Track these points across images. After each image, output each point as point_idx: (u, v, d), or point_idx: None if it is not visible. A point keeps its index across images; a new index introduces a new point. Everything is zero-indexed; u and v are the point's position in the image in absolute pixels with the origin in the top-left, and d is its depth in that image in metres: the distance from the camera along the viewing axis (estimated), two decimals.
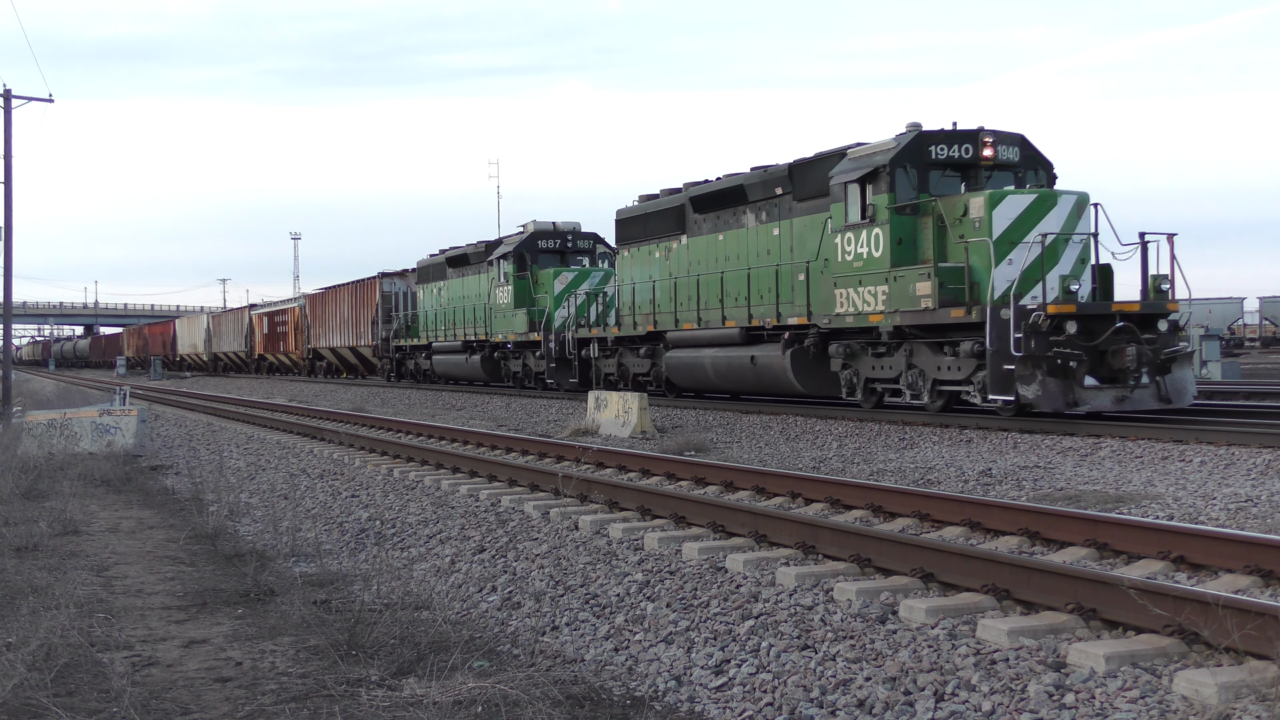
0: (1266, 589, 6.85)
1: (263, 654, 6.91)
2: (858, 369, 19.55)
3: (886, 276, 18.13)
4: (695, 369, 23.85)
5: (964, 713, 5.26)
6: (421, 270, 42.53)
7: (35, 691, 5.90)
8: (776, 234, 21.76)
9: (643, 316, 26.56)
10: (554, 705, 5.64)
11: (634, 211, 27.51)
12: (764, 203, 22.26)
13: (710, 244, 24.11)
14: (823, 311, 19.87)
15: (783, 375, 20.90)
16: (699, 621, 7.00)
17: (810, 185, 20.70)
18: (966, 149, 18.25)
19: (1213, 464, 12.32)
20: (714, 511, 9.55)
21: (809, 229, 20.69)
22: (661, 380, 25.91)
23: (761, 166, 22.76)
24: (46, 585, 8.29)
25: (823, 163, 20.33)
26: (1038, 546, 8.41)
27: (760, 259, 22.20)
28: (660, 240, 26.04)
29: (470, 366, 36.35)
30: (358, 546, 10.62)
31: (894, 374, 18.72)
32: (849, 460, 14.41)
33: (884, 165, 18.16)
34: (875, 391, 19.48)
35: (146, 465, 17.96)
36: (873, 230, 18.43)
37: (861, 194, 18.67)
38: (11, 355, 33.48)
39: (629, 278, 27.49)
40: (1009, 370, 15.87)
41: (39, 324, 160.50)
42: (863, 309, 18.73)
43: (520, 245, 33.22)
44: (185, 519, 11.99)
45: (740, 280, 22.65)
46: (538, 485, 12.30)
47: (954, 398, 18.01)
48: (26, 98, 31.09)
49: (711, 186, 24.27)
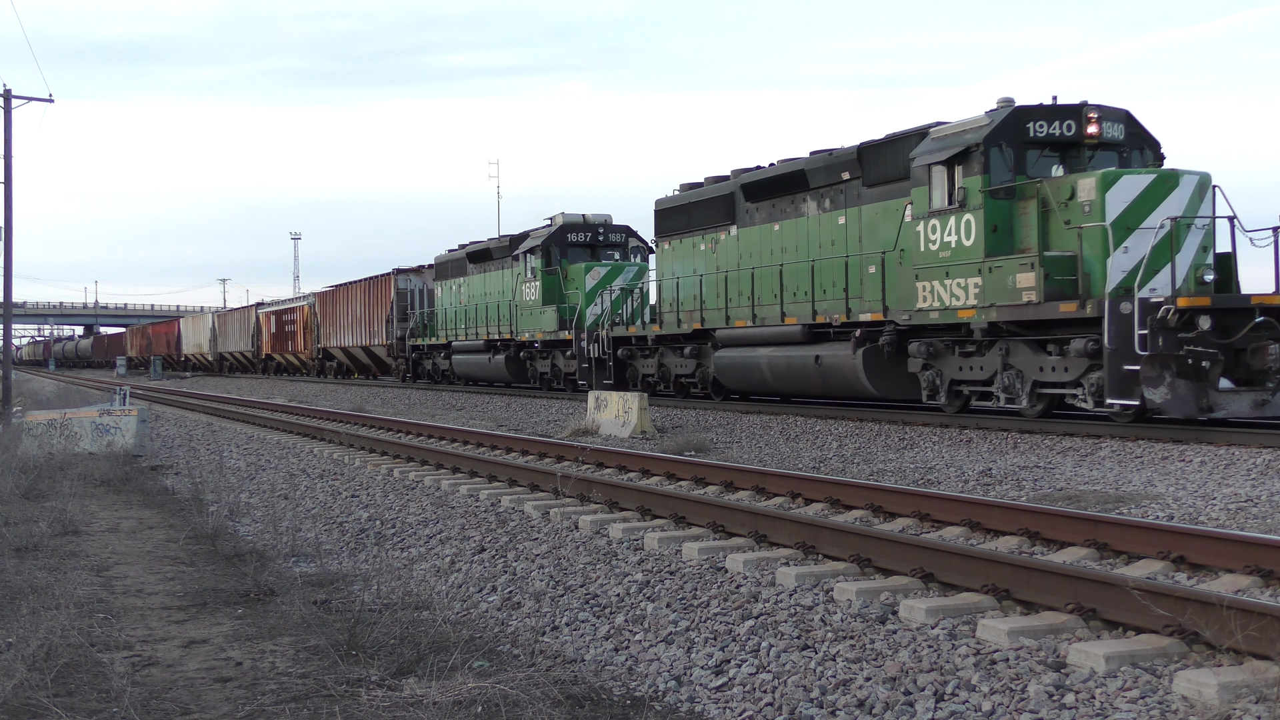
0: (1267, 589, 6.85)
1: (263, 654, 6.91)
2: (941, 369, 17.90)
3: (980, 267, 16.49)
4: (749, 370, 22.18)
5: (964, 713, 5.26)
6: (439, 266, 40.70)
7: (35, 691, 5.90)
8: (842, 223, 20.22)
9: (687, 313, 24.94)
10: (554, 705, 5.64)
11: (675, 201, 25.80)
12: (827, 189, 20.63)
13: (764, 234, 22.48)
14: (901, 307, 18.10)
15: (853, 376, 19.22)
16: (699, 621, 7.00)
17: (883, 169, 19.12)
18: (1068, 125, 16.55)
19: (1213, 464, 12.31)
20: (714, 511, 9.54)
21: (882, 216, 19.13)
22: (708, 382, 24.33)
23: (822, 150, 21.11)
24: (46, 585, 8.28)
25: (898, 144, 18.74)
26: (1038, 546, 8.41)
27: (824, 250, 20.59)
28: (706, 231, 24.46)
29: (493, 367, 34.46)
30: (358, 546, 10.62)
31: (986, 375, 17.05)
32: (849, 460, 14.40)
33: (977, 144, 16.51)
34: (960, 394, 17.82)
35: (146, 465, 17.95)
36: (963, 216, 16.80)
37: (949, 177, 17.06)
38: (11, 355, 33.48)
39: (670, 272, 25.86)
40: (1131, 371, 14.25)
41: (39, 324, 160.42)
42: (950, 303, 17.05)
43: (548, 238, 31.35)
44: (185, 519, 11.99)
45: (802, 273, 21.01)
46: (538, 485, 12.30)
47: (1055, 402, 16.42)
48: (26, 98, 31.11)
49: (766, 173, 22.55)
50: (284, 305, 63.36)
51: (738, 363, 22.50)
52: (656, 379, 26.21)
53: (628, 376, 27.27)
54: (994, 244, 16.43)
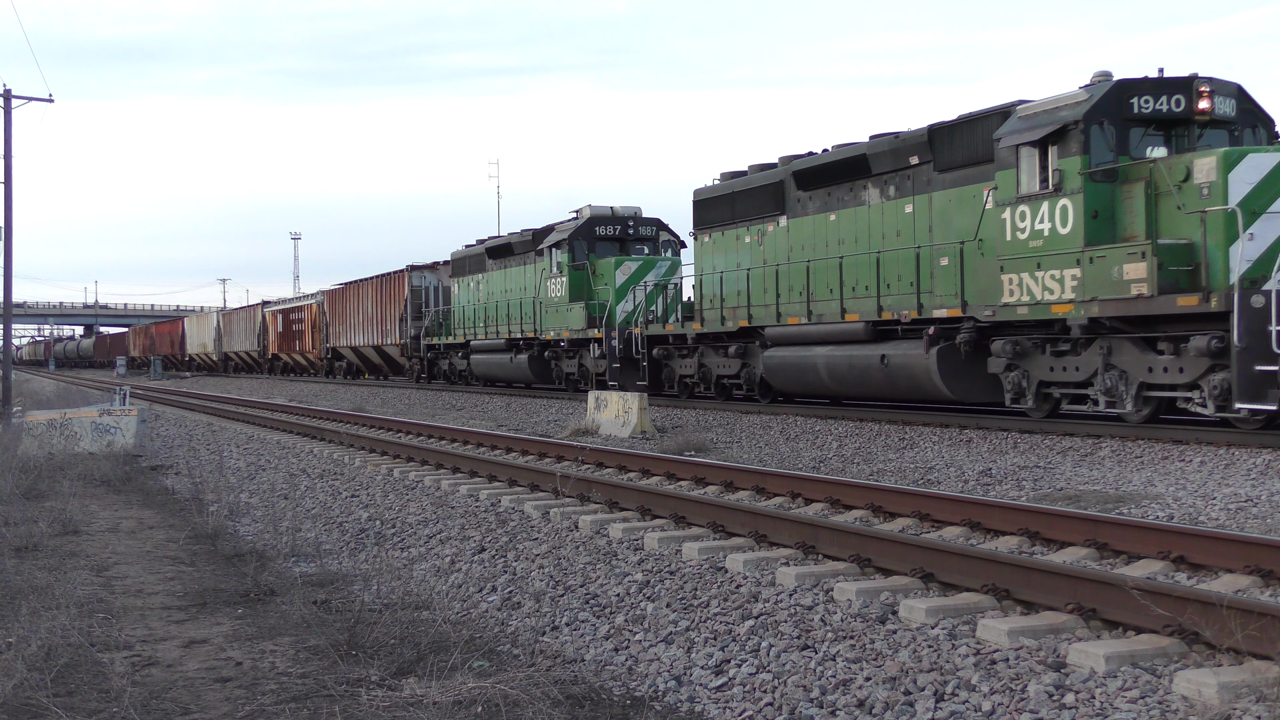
0: (1266, 589, 6.85)
1: (263, 654, 6.90)
2: (1028, 370, 16.42)
3: (1078, 258, 15.03)
4: (803, 371, 20.69)
5: (964, 713, 5.26)
6: (456, 262, 39.22)
7: (35, 691, 5.90)
8: (909, 211, 18.84)
9: (730, 310, 23.42)
10: (554, 705, 5.64)
11: (716, 191, 24.32)
12: (892, 175, 19.23)
13: (819, 225, 21.08)
14: (983, 301, 16.74)
15: (924, 378, 17.75)
16: (699, 621, 7.00)
17: (959, 152, 17.79)
18: (1177, 100, 15.17)
19: (1213, 464, 12.31)
20: (714, 511, 9.54)
21: (957, 203, 17.85)
22: (754, 384, 22.87)
23: (885, 133, 19.72)
24: (46, 585, 8.28)
25: (978, 124, 17.44)
26: (1038, 546, 8.41)
27: (888, 241, 19.26)
28: (752, 222, 22.99)
29: (515, 367, 32.80)
30: (358, 546, 10.62)
31: (1082, 376, 15.60)
32: (849, 460, 14.41)
33: (1075, 121, 15.13)
34: (1049, 398, 16.44)
35: (146, 465, 17.96)
36: (1058, 202, 15.37)
37: (1042, 158, 15.63)
38: (12, 355, 33.49)
39: (710, 266, 24.36)
40: (1266, 373, 12.87)
41: (39, 324, 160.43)
42: (1043, 297, 15.62)
43: (576, 232, 29.79)
44: (185, 519, 11.99)
45: (865, 266, 19.57)
46: (538, 485, 12.30)
47: (1163, 406, 15.01)
48: (26, 98, 31.14)
49: (820, 159, 21.10)
50: (291, 304, 61.91)
51: (790, 363, 21.09)
52: (696, 380, 24.85)
53: (664, 378, 25.99)
54: (1094, 232, 15.03)
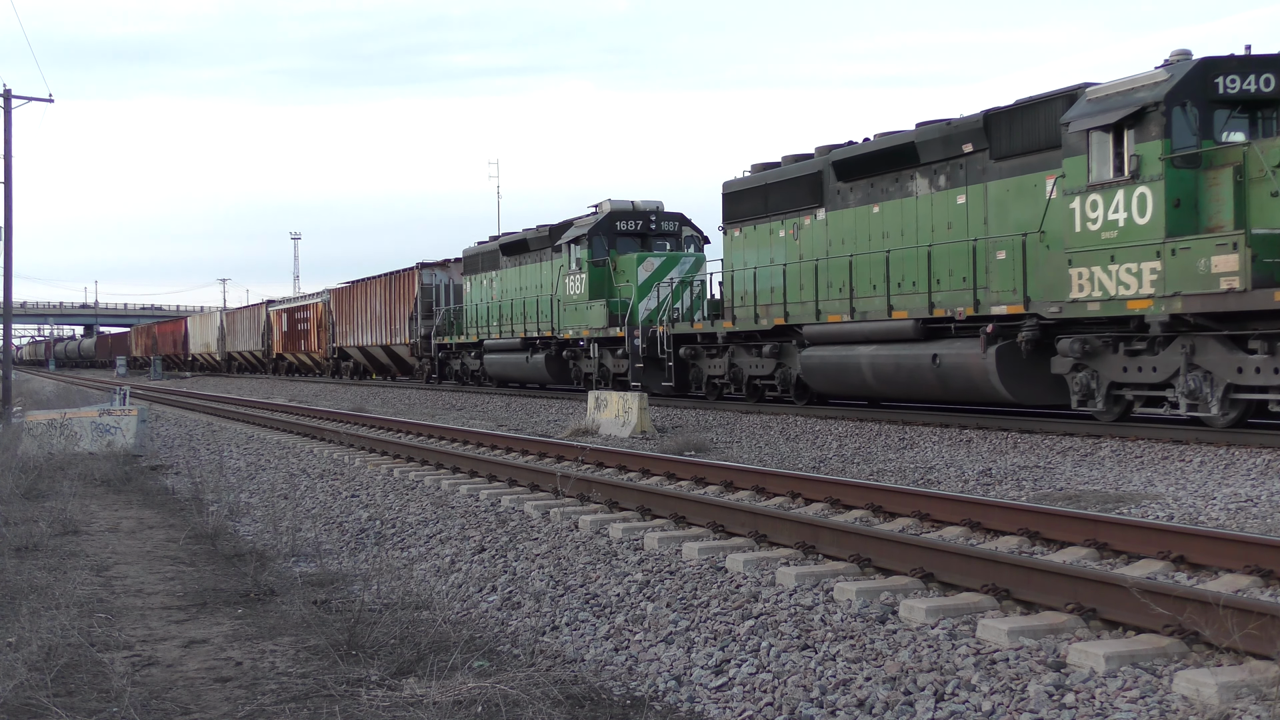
0: (1266, 589, 6.86)
1: (263, 654, 6.91)
2: (1098, 370, 15.35)
3: (1158, 250, 14.00)
4: (845, 371, 19.67)
5: (964, 713, 5.26)
6: (469, 260, 38.10)
7: (35, 691, 5.90)
8: (962, 202, 17.85)
9: (764, 308, 22.32)
10: (554, 705, 5.64)
11: (748, 183, 23.25)
12: (943, 164, 18.27)
13: (861, 218, 20.02)
14: (1048, 297, 15.72)
15: (981, 379, 16.74)
16: (699, 621, 7.00)
17: (1019, 138, 16.76)
18: (1266, 80, 14.13)
19: (1213, 464, 12.31)
20: (714, 511, 9.54)
21: (1014, 193, 16.85)
22: (790, 384, 21.85)
23: (934, 121, 18.72)
24: (46, 585, 8.29)
25: (1041, 109, 16.39)
26: (1038, 546, 8.41)
27: (939, 234, 18.26)
28: (787, 216, 21.95)
29: (531, 367, 31.71)
30: (358, 546, 10.62)
31: (1161, 377, 14.51)
32: (849, 460, 14.41)
33: (1155, 103, 14.13)
34: (1121, 400, 15.35)
35: (146, 465, 17.96)
36: (1135, 190, 14.36)
37: (1116, 143, 14.63)
38: (12, 355, 33.49)
39: (742, 261, 23.30)
40: None
41: (39, 324, 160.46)
42: (1117, 292, 14.55)
43: (596, 227, 28.63)
44: (185, 519, 12.00)
45: (915, 261, 18.60)
46: (538, 485, 12.29)
47: (1253, 408, 14.07)
48: (26, 98, 31.16)
49: (863, 148, 20.11)
50: (296, 303, 60.82)
51: (831, 363, 20.04)
52: (727, 380, 23.79)
53: (690, 378, 25.07)
54: (1176, 221, 14.01)
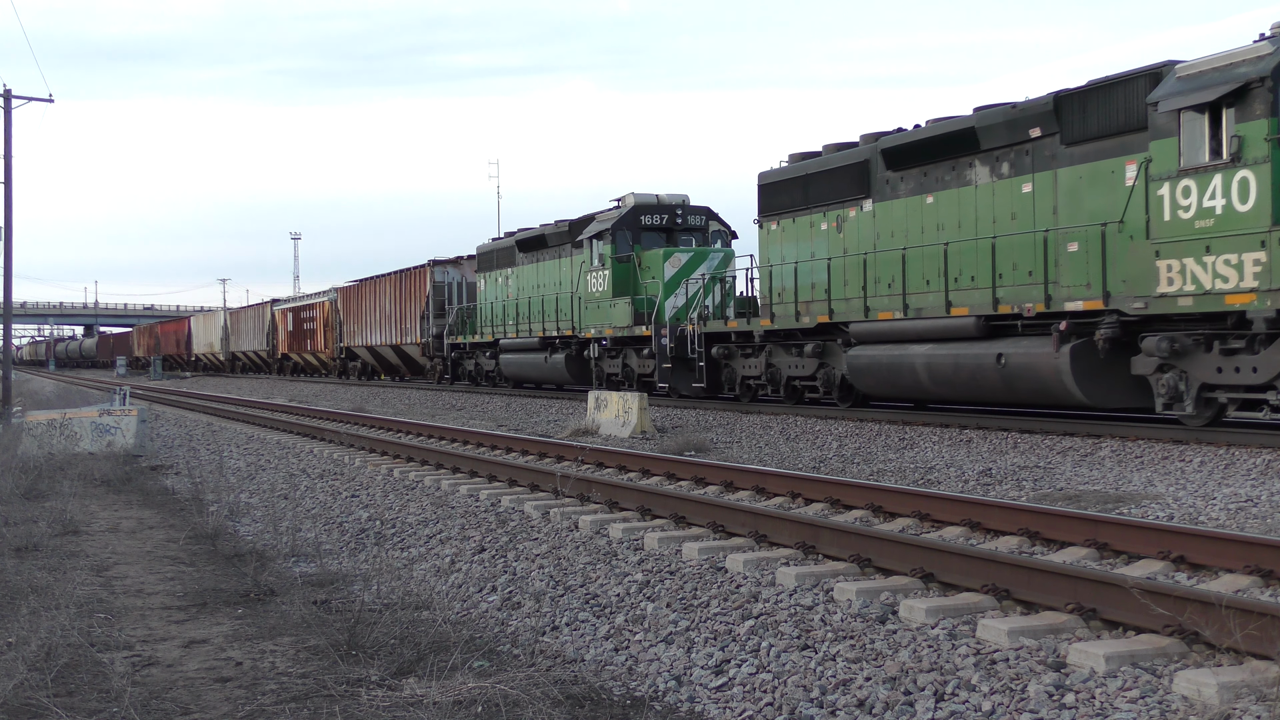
0: (1266, 589, 6.86)
1: (263, 654, 6.91)
2: (1186, 370, 14.24)
3: (1264, 239, 13.11)
4: (897, 372, 18.51)
5: (964, 713, 5.26)
6: (482, 256, 36.89)
7: (35, 691, 5.90)
8: (1028, 190, 16.77)
9: (805, 305, 21.31)
10: (554, 705, 5.64)
11: (786, 174, 22.16)
12: (1006, 150, 17.17)
13: (913, 208, 18.99)
14: (1131, 292, 14.58)
15: (1053, 380, 15.56)
16: (699, 621, 7.00)
17: (1095, 121, 15.59)
18: None
19: (1213, 464, 12.32)
20: (714, 511, 9.54)
21: (1089, 180, 15.69)
22: (833, 385, 20.68)
23: (995, 104, 17.66)
24: (46, 585, 8.28)
25: (1120, 89, 15.18)
26: (1038, 546, 8.41)
27: (1001, 224, 17.17)
28: (830, 207, 20.86)
29: (550, 368, 30.66)
30: (358, 546, 10.62)
31: (1261, 378, 13.43)
32: (849, 460, 14.41)
33: (1260, 79, 13.09)
34: (1213, 403, 14.22)
35: (146, 465, 17.96)
36: (1235, 174, 13.39)
37: (1213, 123, 13.66)
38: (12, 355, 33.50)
39: (779, 256, 22.24)
40: None
41: (39, 324, 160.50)
42: (1213, 286, 13.59)
43: (619, 221, 27.52)
44: (185, 519, 12.00)
45: (974, 254, 17.55)
46: (538, 485, 12.30)
47: None
48: (26, 98, 31.24)
49: (915, 135, 18.97)
50: (302, 301, 59.62)
51: (881, 363, 18.86)
52: (764, 381, 22.57)
53: (723, 379, 23.92)
54: None
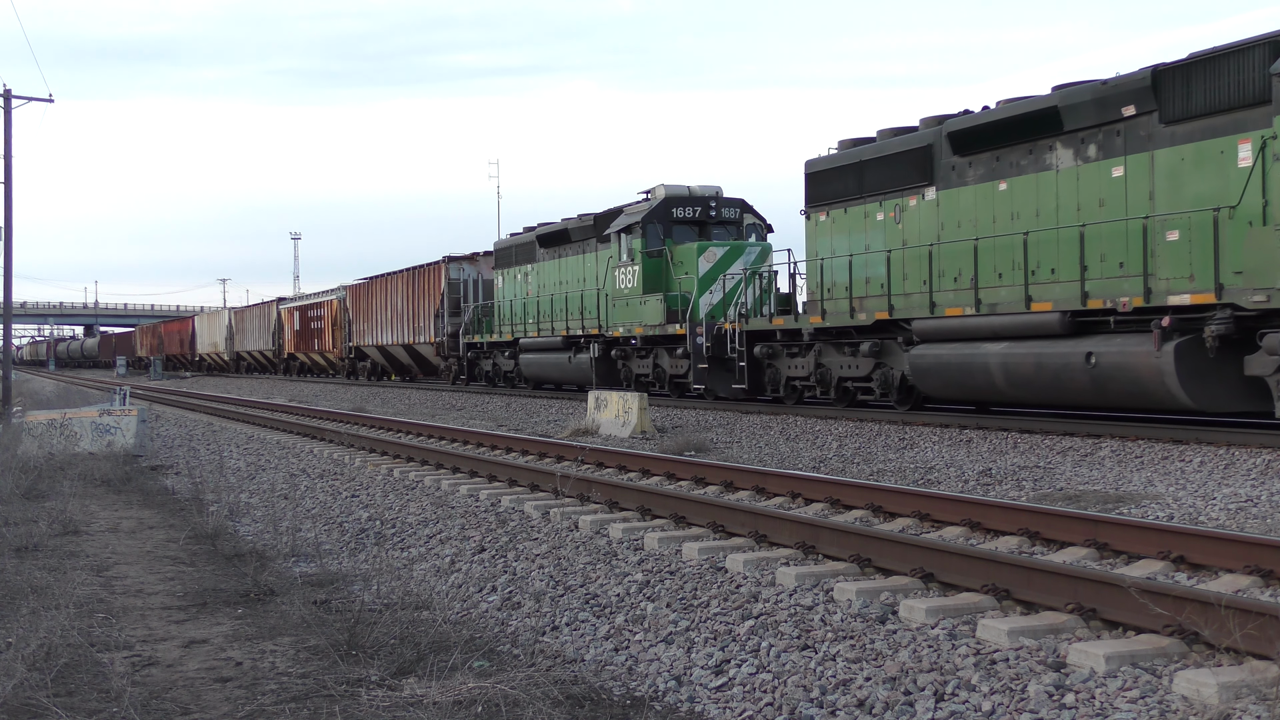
0: (1266, 589, 6.86)
1: (263, 654, 6.91)
2: None
3: None
4: (967, 372, 17.18)
5: (964, 713, 5.26)
6: (500, 252, 35.49)
7: (35, 691, 5.90)
8: (1119, 174, 15.46)
9: (860, 300, 19.98)
10: (554, 705, 5.64)
11: (836, 161, 20.88)
12: (1094, 131, 15.82)
13: (983, 196, 17.67)
14: (1248, 284, 13.37)
15: (1154, 381, 14.21)
16: (699, 621, 7.00)
17: (1201, 96, 14.26)
18: None
19: (1213, 464, 12.31)
20: (714, 511, 9.54)
21: (1192, 163, 14.46)
22: (892, 387, 19.28)
23: (1080, 82, 16.23)
24: (46, 585, 8.28)
25: (1231, 60, 13.89)
26: (1038, 546, 8.42)
27: (1087, 212, 15.83)
28: (886, 196, 19.56)
29: (574, 368, 29.36)
30: (358, 546, 10.62)
31: None
32: (849, 460, 14.41)
33: None
34: None
35: (146, 465, 17.95)
36: None
37: None
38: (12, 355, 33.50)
39: (829, 249, 20.91)
40: None
41: (39, 324, 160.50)
42: None
43: (650, 215, 26.23)
44: (185, 519, 11.99)
45: (1057, 244, 16.20)
46: (538, 485, 12.30)
47: None
48: (26, 98, 31.24)
49: (987, 116, 17.63)
50: (309, 300, 58.39)
51: (949, 363, 17.52)
52: (812, 383, 21.15)
53: (765, 380, 22.53)
54: None
